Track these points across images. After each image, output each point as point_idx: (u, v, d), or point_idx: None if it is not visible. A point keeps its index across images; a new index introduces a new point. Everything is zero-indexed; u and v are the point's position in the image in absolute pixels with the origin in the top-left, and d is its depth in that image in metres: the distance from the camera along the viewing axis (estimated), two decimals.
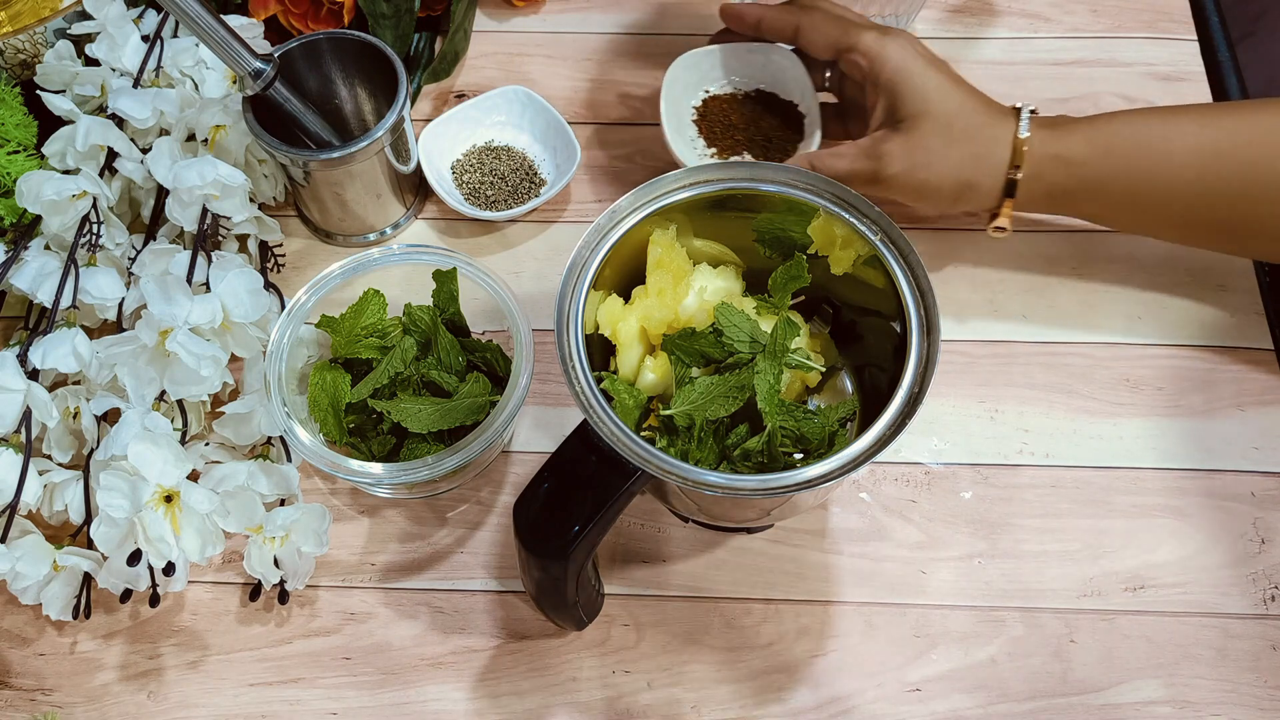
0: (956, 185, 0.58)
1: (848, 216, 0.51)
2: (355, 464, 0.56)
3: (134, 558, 0.52)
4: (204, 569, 0.60)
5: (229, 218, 0.63)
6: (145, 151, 0.65)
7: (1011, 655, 0.57)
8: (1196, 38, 0.78)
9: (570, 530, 0.44)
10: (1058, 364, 0.66)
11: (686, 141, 0.67)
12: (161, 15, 0.70)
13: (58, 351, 0.56)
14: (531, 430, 0.65)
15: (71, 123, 0.64)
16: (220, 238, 0.65)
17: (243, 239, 0.67)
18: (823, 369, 0.55)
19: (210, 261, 0.60)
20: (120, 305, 0.62)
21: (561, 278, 0.50)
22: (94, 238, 0.62)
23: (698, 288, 0.56)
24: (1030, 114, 0.58)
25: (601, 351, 0.55)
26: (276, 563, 0.57)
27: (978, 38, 0.79)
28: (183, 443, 0.58)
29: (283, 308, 0.64)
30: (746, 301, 0.56)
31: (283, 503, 0.59)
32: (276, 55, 0.62)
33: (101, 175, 0.64)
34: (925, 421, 0.64)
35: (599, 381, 0.50)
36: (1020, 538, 0.60)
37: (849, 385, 0.59)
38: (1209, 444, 0.63)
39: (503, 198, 0.71)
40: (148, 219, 0.67)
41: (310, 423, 0.59)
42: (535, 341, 0.58)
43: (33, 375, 0.56)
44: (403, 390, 0.59)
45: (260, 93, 0.61)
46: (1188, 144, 0.57)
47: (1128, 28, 0.79)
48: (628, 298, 0.55)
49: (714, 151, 0.67)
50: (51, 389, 0.58)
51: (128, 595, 0.57)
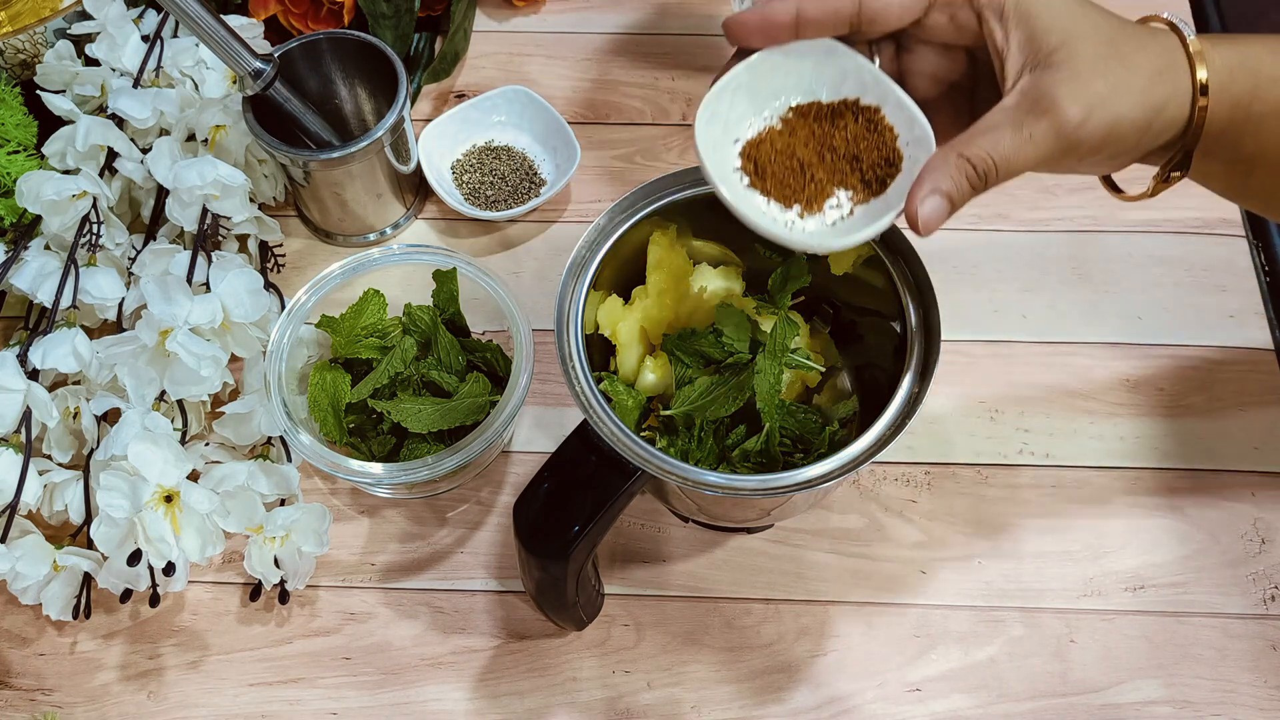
0: (1148, 114, 0.43)
1: None
2: (355, 464, 0.56)
3: (134, 558, 0.52)
4: (204, 569, 0.60)
5: (229, 218, 0.63)
6: (145, 151, 0.65)
7: (1011, 655, 0.57)
8: None
9: (570, 530, 0.44)
10: (1058, 364, 0.66)
11: (759, 214, 0.44)
12: (161, 15, 0.70)
13: (58, 351, 0.56)
14: (531, 430, 0.65)
15: (71, 123, 0.64)
16: (220, 238, 0.65)
17: (243, 239, 0.67)
18: (823, 369, 0.55)
19: (210, 261, 0.60)
20: (120, 305, 0.62)
21: (561, 278, 0.50)
22: (94, 238, 0.62)
23: (698, 288, 0.56)
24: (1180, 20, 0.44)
25: (601, 351, 0.55)
26: (277, 563, 0.57)
27: None
28: (183, 443, 0.58)
29: (283, 308, 0.64)
30: (746, 301, 0.56)
31: (283, 503, 0.59)
32: (276, 55, 0.62)
33: (101, 175, 0.64)
34: (925, 421, 0.64)
35: (599, 382, 0.50)
36: (1020, 538, 0.60)
37: (849, 385, 0.59)
38: (1209, 444, 0.63)
39: (503, 198, 0.71)
40: (148, 219, 0.67)
41: (310, 423, 0.59)
42: (535, 341, 0.58)
43: (33, 375, 0.56)
44: (403, 390, 0.59)
45: (260, 93, 0.61)
46: None
47: None
48: (628, 298, 0.55)
49: (798, 210, 0.45)
50: (51, 389, 0.58)
51: (128, 595, 0.57)
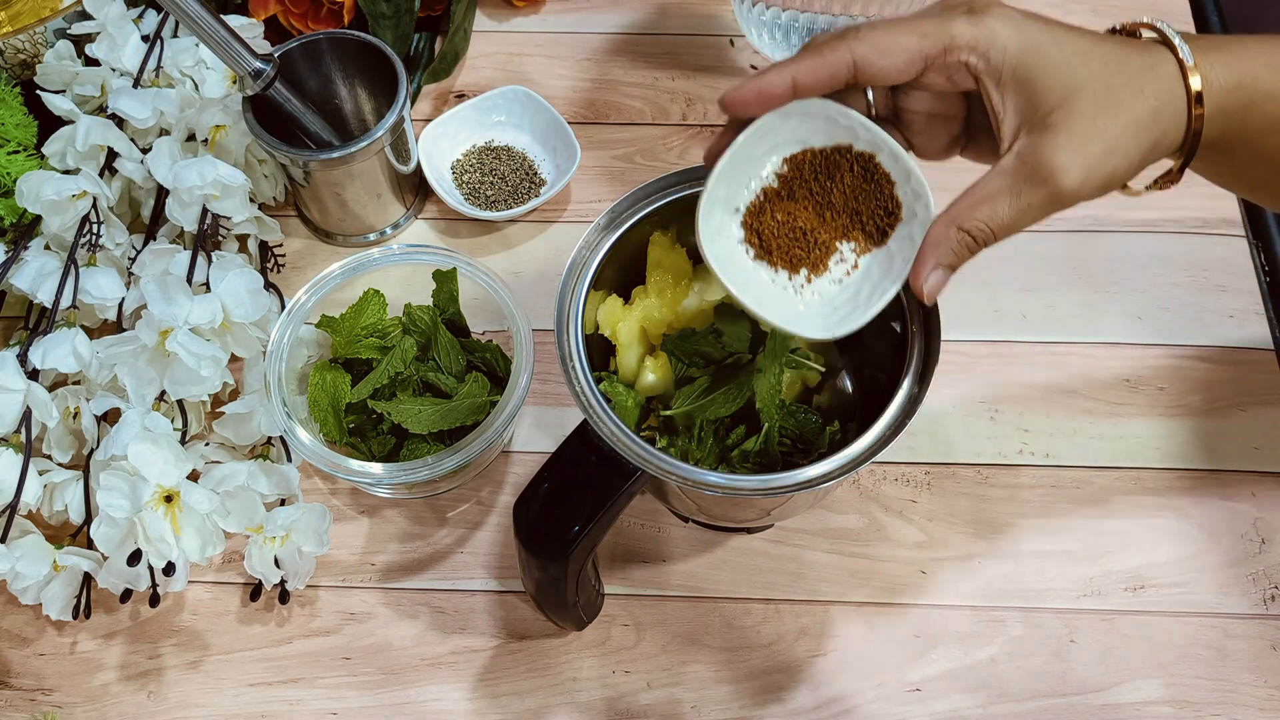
0: (1144, 157, 0.43)
1: None
2: (355, 464, 0.56)
3: (134, 558, 0.52)
4: (204, 569, 0.60)
5: (229, 218, 0.63)
6: (145, 151, 0.65)
7: (1011, 655, 0.57)
8: None
9: (570, 530, 0.44)
10: (1058, 364, 0.66)
11: (766, 289, 0.45)
12: (161, 15, 0.70)
13: (58, 351, 0.56)
14: (531, 430, 0.65)
15: (71, 123, 0.64)
16: (220, 238, 0.65)
17: (243, 239, 0.67)
18: (823, 369, 0.55)
19: (210, 261, 0.60)
20: (120, 305, 0.62)
21: (561, 278, 0.50)
22: (94, 238, 0.62)
23: (698, 288, 0.56)
24: (1174, 33, 0.43)
25: (601, 351, 0.55)
26: (277, 562, 0.57)
27: None
28: (183, 443, 0.58)
29: (283, 308, 0.64)
30: None
31: (283, 503, 0.59)
32: (276, 55, 0.62)
33: (101, 175, 0.64)
34: (925, 421, 0.64)
35: (599, 382, 0.50)
36: (1020, 538, 0.60)
37: (849, 385, 0.59)
38: (1209, 444, 0.63)
39: (503, 198, 0.71)
40: (148, 219, 0.67)
41: (310, 423, 0.59)
42: (535, 341, 0.58)
43: (33, 375, 0.56)
44: (403, 390, 0.59)
45: (260, 93, 0.61)
46: None
47: None
48: (628, 298, 0.55)
49: (805, 274, 0.45)
50: (51, 389, 0.58)
51: (128, 595, 0.57)
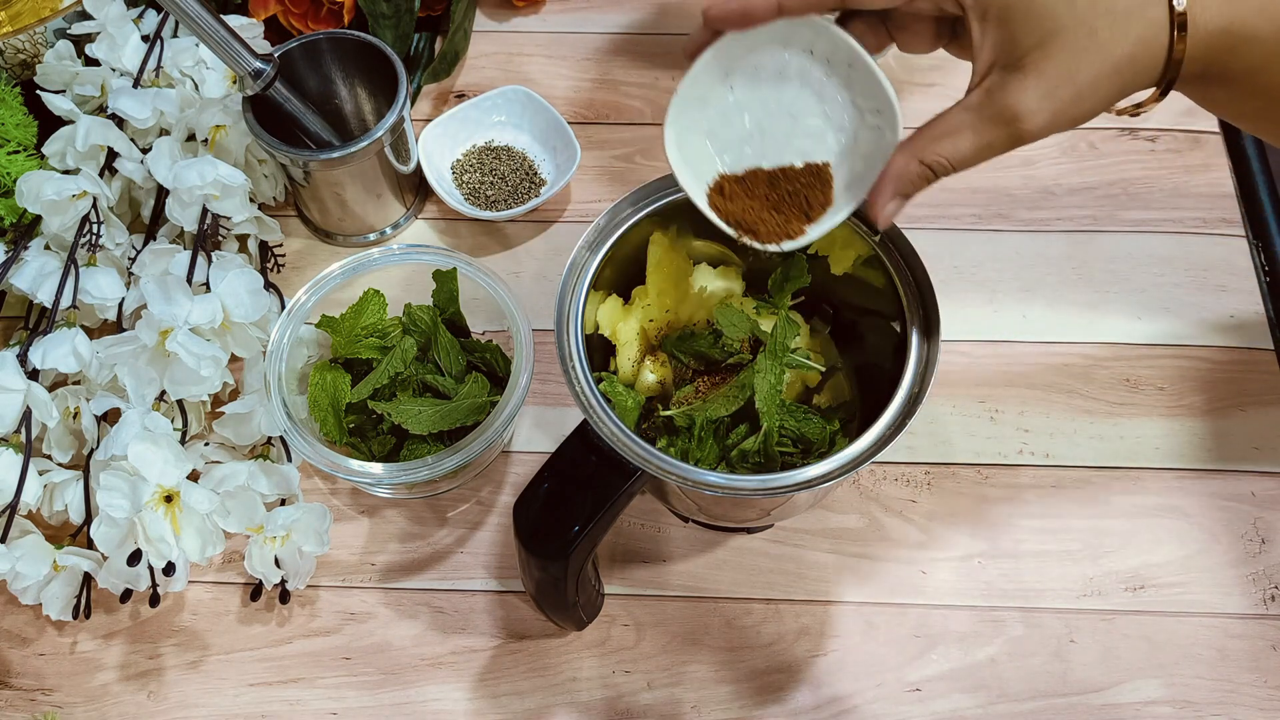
0: (1114, 99, 0.43)
1: (848, 217, 0.51)
2: (355, 464, 0.56)
3: (134, 558, 0.52)
4: (204, 569, 0.60)
5: (229, 218, 0.63)
6: (145, 151, 0.65)
7: (1011, 655, 0.57)
8: None
9: (570, 530, 0.44)
10: (1058, 364, 0.66)
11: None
12: (161, 15, 0.70)
13: (58, 351, 0.56)
14: (531, 430, 0.65)
15: (71, 123, 0.64)
16: (220, 238, 0.65)
17: (243, 239, 0.67)
18: (823, 369, 0.55)
19: (210, 261, 0.60)
20: (120, 305, 0.62)
21: (561, 278, 0.50)
22: (94, 238, 0.62)
23: (698, 288, 0.56)
24: None
25: (601, 351, 0.55)
26: (277, 562, 0.57)
27: None
28: (183, 443, 0.58)
29: (283, 308, 0.64)
30: (746, 301, 0.56)
31: (283, 503, 0.59)
32: (276, 55, 0.62)
33: (101, 175, 0.64)
34: (925, 421, 0.64)
35: (599, 382, 0.50)
36: (1020, 538, 0.60)
37: (849, 385, 0.59)
38: (1209, 444, 0.63)
39: (503, 198, 0.71)
40: (148, 219, 0.67)
41: (310, 423, 0.59)
42: (535, 341, 0.58)
43: (33, 375, 0.56)
44: (403, 391, 0.59)
45: (260, 93, 0.61)
46: None
47: None
48: (628, 298, 0.55)
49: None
50: (51, 389, 0.58)
51: (128, 595, 0.57)
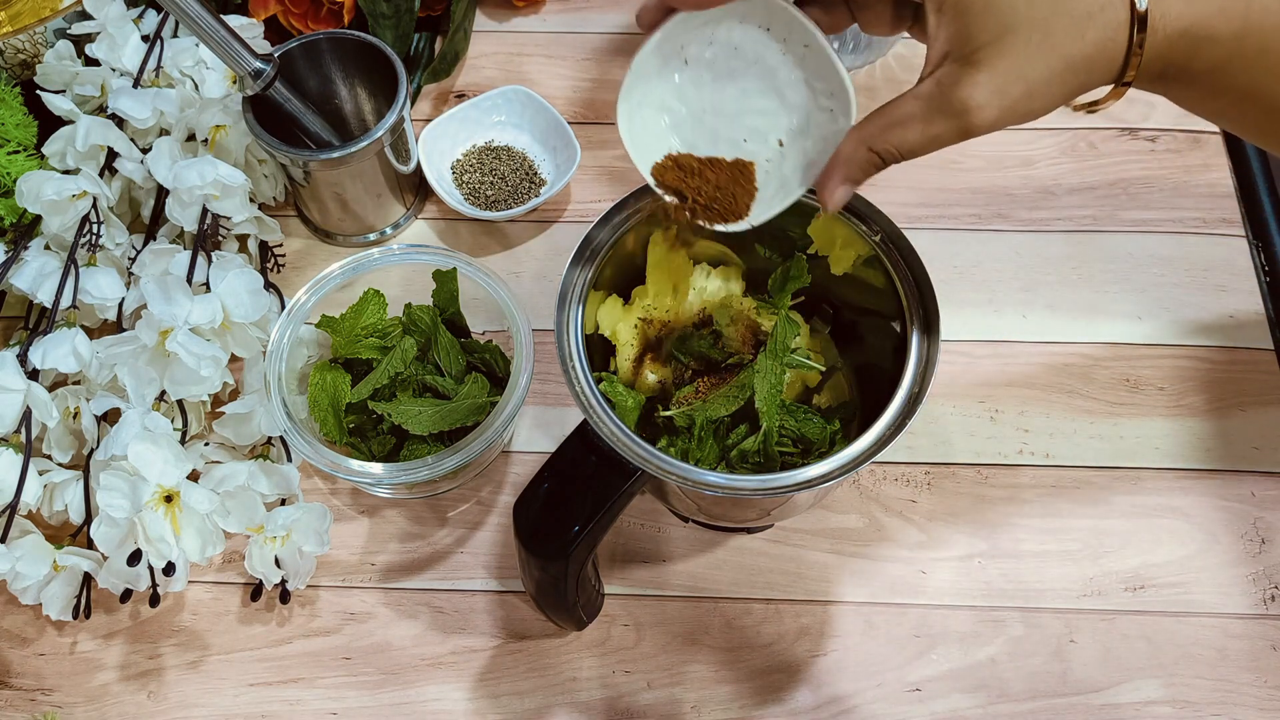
0: (1067, 97, 0.43)
1: (848, 216, 0.51)
2: (355, 464, 0.56)
3: (134, 558, 0.52)
4: (204, 569, 0.60)
5: (229, 218, 0.63)
6: (145, 151, 0.65)
7: (1011, 655, 0.57)
8: None
9: (570, 530, 0.44)
10: (1058, 364, 0.66)
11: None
12: (161, 15, 0.70)
13: (58, 351, 0.56)
14: (531, 430, 0.65)
15: (71, 123, 0.64)
16: (220, 238, 0.65)
17: (243, 239, 0.67)
18: (823, 369, 0.55)
19: (210, 261, 0.60)
20: (120, 305, 0.62)
21: (561, 278, 0.50)
22: (94, 238, 0.62)
23: (698, 288, 0.56)
24: None
25: (601, 352, 0.55)
26: (278, 562, 0.57)
27: None
28: (183, 443, 0.58)
29: (283, 308, 0.64)
30: (747, 301, 0.56)
31: (283, 503, 0.59)
32: (276, 55, 0.62)
33: (101, 175, 0.64)
34: (925, 421, 0.64)
35: (599, 382, 0.50)
36: (1020, 538, 0.60)
37: (849, 385, 0.59)
38: (1209, 444, 0.63)
39: (503, 198, 0.71)
40: (148, 219, 0.67)
41: (310, 423, 0.59)
42: (535, 341, 0.58)
43: (33, 375, 0.56)
44: (403, 391, 0.59)
45: (260, 93, 0.61)
46: None
47: None
48: (628, 298, 0.55)
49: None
50: (51, 389, 0.58)
51: (128, 595, 0.57)
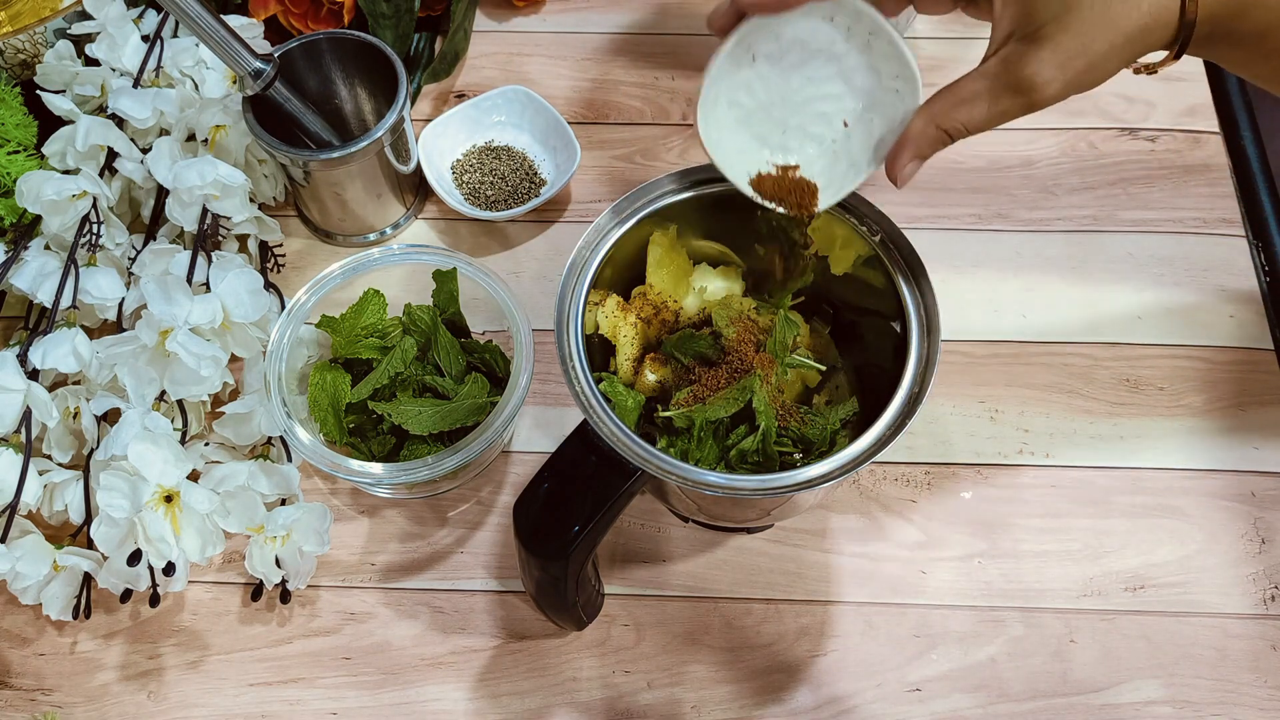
0: (1124, 65, 0.45)
1: (848, 216, 0.51)
2: (355, 464, 0.56)
3: (134, 558, 0.52)
4: (204, 569, 0.60)
5: (229, 218, 0.63)
6: (145, 151, 0.65)
7: (1011, 655, 0.57)
8: None
9: (570, 530, 0.44)
10: (1058, 364, 0.66)
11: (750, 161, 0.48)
12: (161, 15, 0.70)
13: (58, 351, 0.56)
14: (531, 430, 0.65)
15: (71, 123, 0.64)
16: (220, 238, 0.65)
17: (243, 239, 0.67)
18: (823, 369, 0.55)
19: (210, 261, 0.60)
20: (120, 305, 0.62)
21: (561, 278, 0.50)
22: (94, 238, 0.62)
23: (698, 288, 0.56)
24: None
25: (601, 352, 0.55)
26: (278, 562, 0.57)
27: (978, 37, 0.79)
28: (183, 443, 0.58)
29: (283, 308, 0.64)
30: (746, 301, 0.56)
31: (283, 502, 0.59)
32: (276, 55, 0.62)
33: (101, 175, 0.64)
34: (925, 421, 0.64)
35: (599, 382, 0.50)
36: (1020, 538, 0.60)
37: (849, 385, 0.59)
38: (1209, 444, 0.63)
39: (503, 198, 0.71)
40: (148, 219, 0.67)
41: (310, 423, 0.59)
42: (535, 341, 0.58)
43: (33, 375, 0.56)
44: (403, 391, 0.59)
45: (260, 93, 0.61)
46: None
47: None
48: (628, 298, 0.55)
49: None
50: (51, 389, 0.58)
51: (128, 595, 0.57)
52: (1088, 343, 0.66)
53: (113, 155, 0.64)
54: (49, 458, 0.58)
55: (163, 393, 0.57)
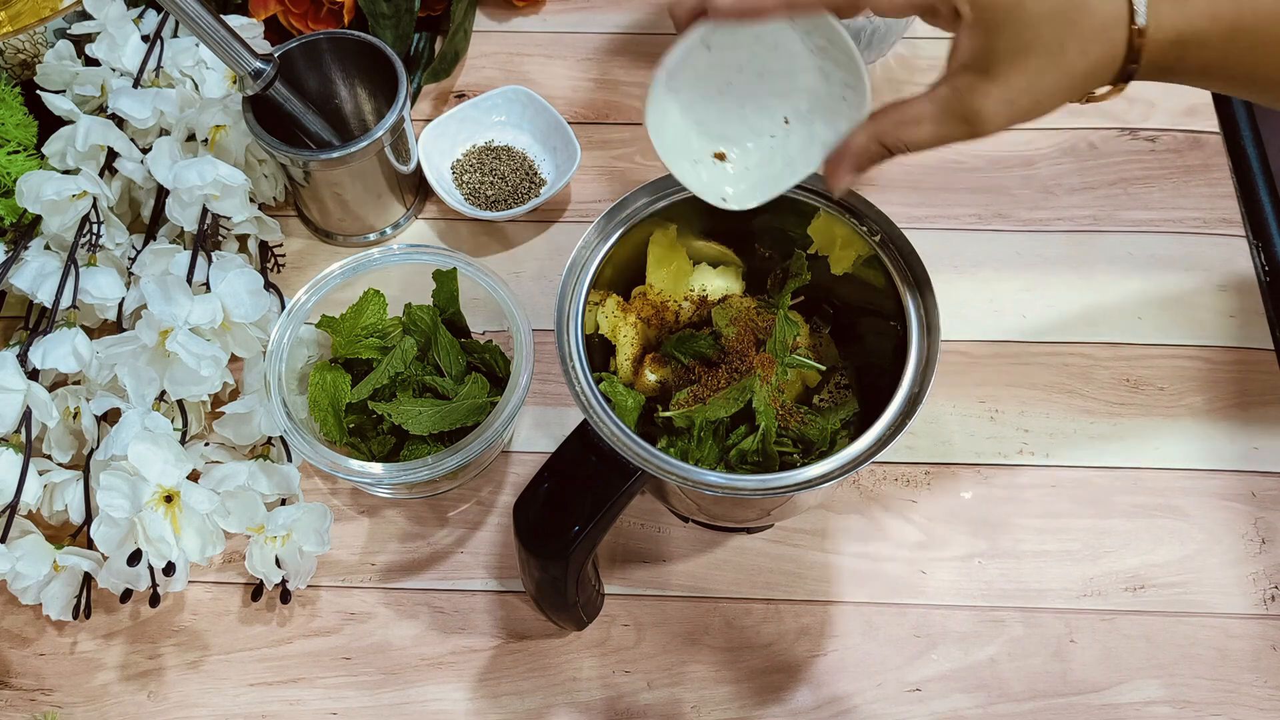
0: (1068, 102, 0.47)
1: (848, 217, 0.51)
2: (355, 464, 0.56)
3: (134, 558, 0.52)
4: (204, 569, 0.60)
5: (229, 218, 0.63)
6: (145, 151, 0.65)
7: (1011, 655, 0.57)
8: None
9: (570, 530, 0.44)
10: (1058, 364, 0.66)
11: (694, 166, 0.49)
12: (161, 15, 0.70)
13: (58, 351, 0.56)
14: (531, 430, 0.65)
15: (71, 123, 0.64)
16: (220, 238, 0.65)
17: (243, 239, 0.67)
18: (823, 369, 0.55)
19: (210, 261, 0.60)
20: (120, 305, 0.62)
21: (561, 278, 0.50)
22: (94, 238, 0.62)
23: (698, 288, 0.56)
24: None
25: (601, 352, 0.55)
26: (278, 562, 0.57)
27: None
28: (183, 443, 0.58)
29: (283, 308, 0.64)
30: (746, 301, 0.56)
31: (283, 502, 0.59)
32: (276, 55, 0.62)
33: (101, 175, 0.64)
34: (925, 421, 0.64)
35: (599, 382, 0.50)
36: (1020, 538, 0.60)
37: (849, 385, 0.59)
38: (1209, 444, 0.63)
39: (503, 198, 0.71)
40: (148, 219, 0.67)
41: (310, 423, 0.59)
42: (535, 341, 0.58)
43: (33, 375, 0.56)
44: (403, 391, 0.59)
45: (260, 93, 0.61)
46: None
47: None
48: (628, 298, 0.55)
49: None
50: (51, 389, 0.58)
51: (128, 595, 0.57)
52: (1088, 343, 0.66)
53: (113, 155, 0.64)
54: (49, 458, 0.58)
55: (163, 393, 0.57)
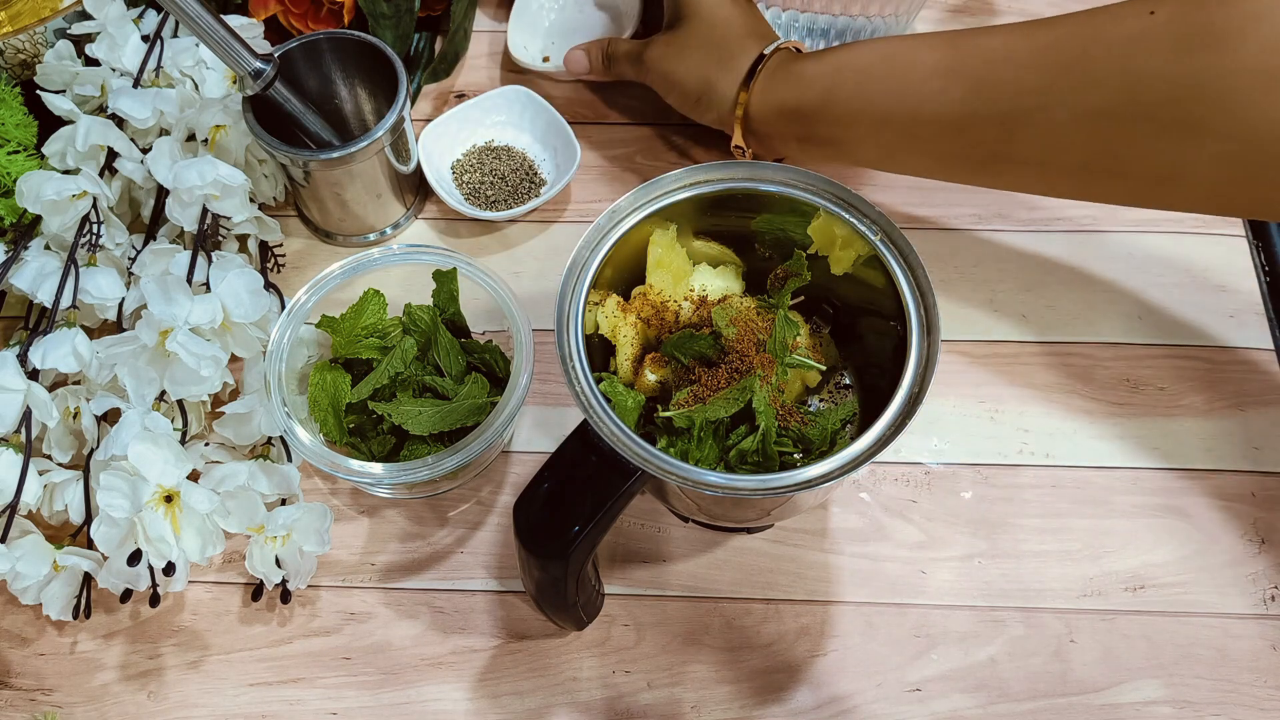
0: (698, 84, 0.64)
1: (848, 216, 0.51)
2: (355, 464, 0.56)
3: (134, 558, 0.52)
4: (204, 569, 0.60)
5: (229, 218, 0.63)
6: (145, 151, 0.65)
7: (1011, 655, 0.57)
8: None
9: (570, 530, 0.44)
10: (1058, 364, 0.66)
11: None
12: (161, 15, 0.70)
13: (58, 351, 0.56)
14: (531, 430, 0.65)
15: (71, 123, 0.64)
16: (220, 238, 0.65)
17: (243, 239, 0.67)
18: (823, 369, 0.55)
19: (210, 261, 0.60)
20: (120, 305, 0.62)
21: (561, 278, 0.50)
22: (94, 238, 0.62)
23: (698, 288, 0.56)
24: (795, 50, 0.61)
25: (601, 352, 0.55)
26: (278, 562, 0.57)
27: None
28: (183, 443, 0.58)
29: (283, 308, 0.64)
30: (746, 301, 0.56)
31: (283, 502, 0.59)
32: (276, 55, 0.62)
33: (101, 175, 0.64)
34: (925, 421, 0.64)
35: (599, 382, 0.50)
36: (1020, 538, 0.60)
37: (849, 385, 0.59)
38: (1209, 444, 0.63)
39: (503, 198, 0.71)
40: (148, 219, 0.67)
41: (310, 423, 0.59)
42: (535, 341, 0.58)
43: (33, 375, 0.56)
44: (403, 391, 0.59)
45: (260, 93, 0.61)
46: (932, 60, 0.54)
47: None
48: (628, 298, 0.55)
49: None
50: (51, 389, 0.58)
51: (128, 595, 0.57)
52: (1088, 343, 0.66)
53: (113, 155, 0.64)
54: (49, 458, 0.58)
55: (163, 393, 0.57)
